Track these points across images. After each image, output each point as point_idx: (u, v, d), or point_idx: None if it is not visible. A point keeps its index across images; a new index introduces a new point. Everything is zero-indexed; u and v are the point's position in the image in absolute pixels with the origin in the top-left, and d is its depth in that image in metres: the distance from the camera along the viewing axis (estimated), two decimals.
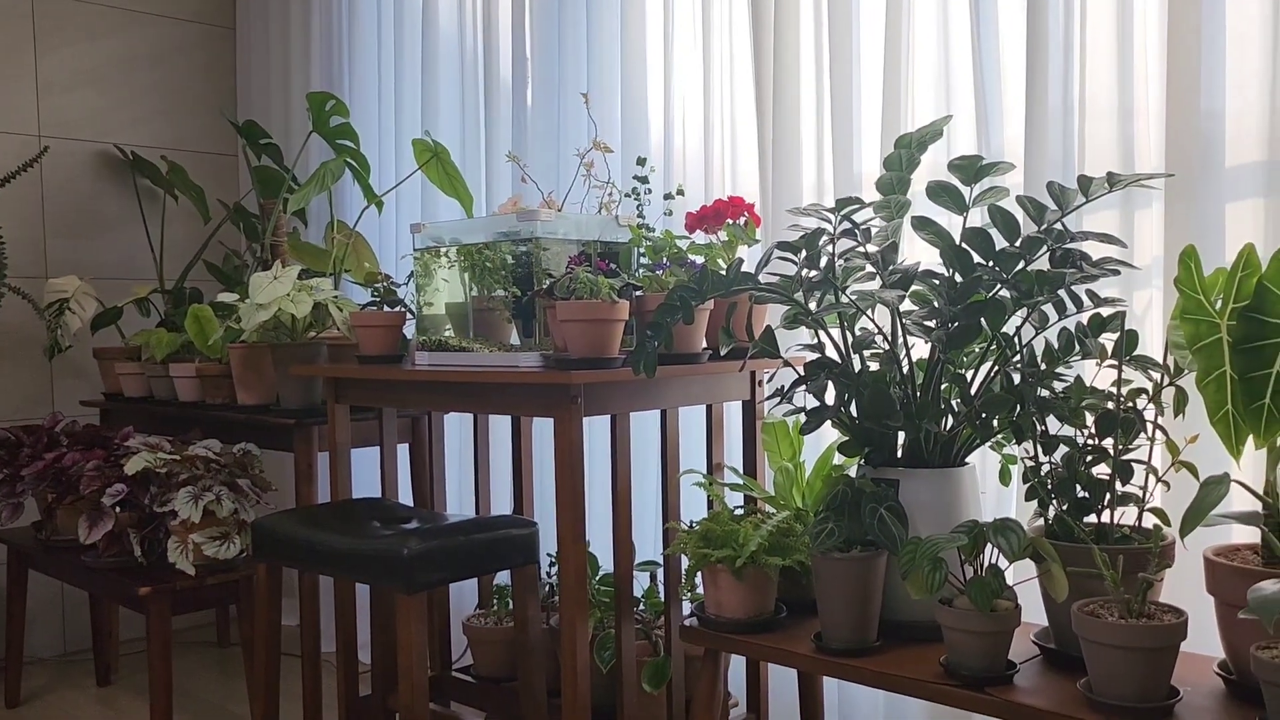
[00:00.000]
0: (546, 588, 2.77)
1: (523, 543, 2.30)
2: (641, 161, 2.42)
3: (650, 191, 2.41)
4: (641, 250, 2.35)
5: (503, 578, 2.96)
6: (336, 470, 2.64)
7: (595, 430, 2.93)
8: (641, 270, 2.33)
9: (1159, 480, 1.78)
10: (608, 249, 2.34)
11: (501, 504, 3.18)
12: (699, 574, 2.08)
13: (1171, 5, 1.99)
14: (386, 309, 2.65)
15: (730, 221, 2.31)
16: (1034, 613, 1.85)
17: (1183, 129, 1.99)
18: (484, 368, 2.23)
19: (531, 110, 3.14)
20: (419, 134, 3.28)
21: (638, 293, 2.23)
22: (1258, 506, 1.62)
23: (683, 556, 2.28)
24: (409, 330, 2.67)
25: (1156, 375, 1.77)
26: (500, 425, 3.16)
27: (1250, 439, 1.55)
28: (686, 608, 2.41)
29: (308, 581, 2.68)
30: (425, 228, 2.48)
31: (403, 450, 3.07)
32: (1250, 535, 1.77)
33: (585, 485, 2.87)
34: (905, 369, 1.95)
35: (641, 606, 2.69)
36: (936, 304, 1.90)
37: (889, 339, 1.97)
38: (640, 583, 2.72)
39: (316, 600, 2.69)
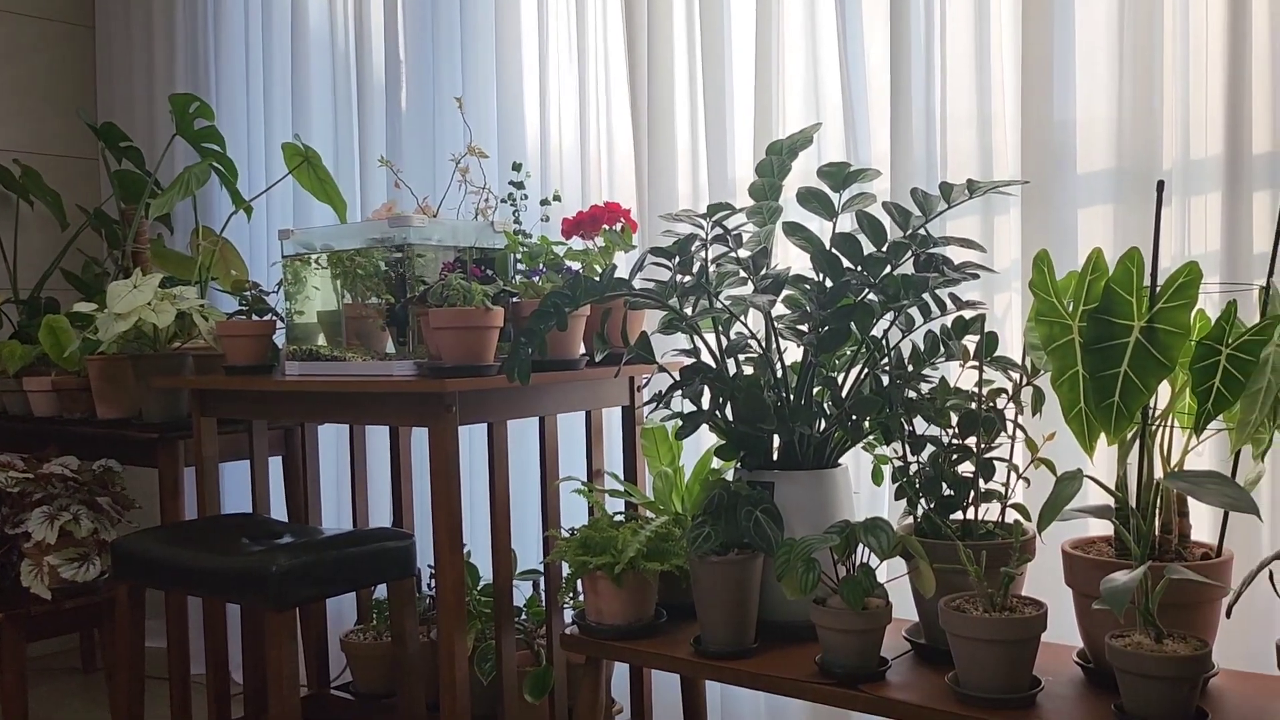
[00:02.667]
0: (428, 600, 2.72)
1: (399, 555, 2.26)
2: (517, 167, 2.40)
3: (527, 197, 2.40)
4: (518, 256, 2.32)
5: (382, 591, 2.89)
6: (204, 486, 2.54)
7: (478, 438, 2.89)
8: (518, 276, 2.31)
9: (1020, 477, 1.84)
10: (484, 255, 2.31)
11: (381, 516, 3.11)
12: (579, 581, 2.07)
13: (1025, 21, 2.07)
14: (255, 317, 2.56)
15: (607, 227, 2.31)
16: (907, 609, 1.89)
17: (1037, 138, 2.07)
18: (356, 377, 2.18)
19: (406, 114, 3.09)
20: (289, 138, 3.19)
21: (514, 299, 2.21)
22: (1111, 501, 1.69)
23: (563, 564, 2.26)
24: (280, 339, 2.59)
25: (1016, 375, 1.83)
26: (379, 435, 3.09)
27: (1102, 436, 1.61)
28: (571, 616, 2.40)
29: (174, 601, 2.57)
30: (295, 234, 2.41)
31: (276, 463, 2.97)
32: (1109, 528, 1.84)
33: (465, 494, 2.84)
34: (779, 373, 1.98)
35: (524, 616, 2.66)
36: (808, 308, 1.92)
37: (762, 343, 1.99)
38: (523, 592, 2.69)
39: (185, 621, 2.58)
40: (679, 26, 2.59)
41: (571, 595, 2.28)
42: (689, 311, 1.95)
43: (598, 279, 1.92)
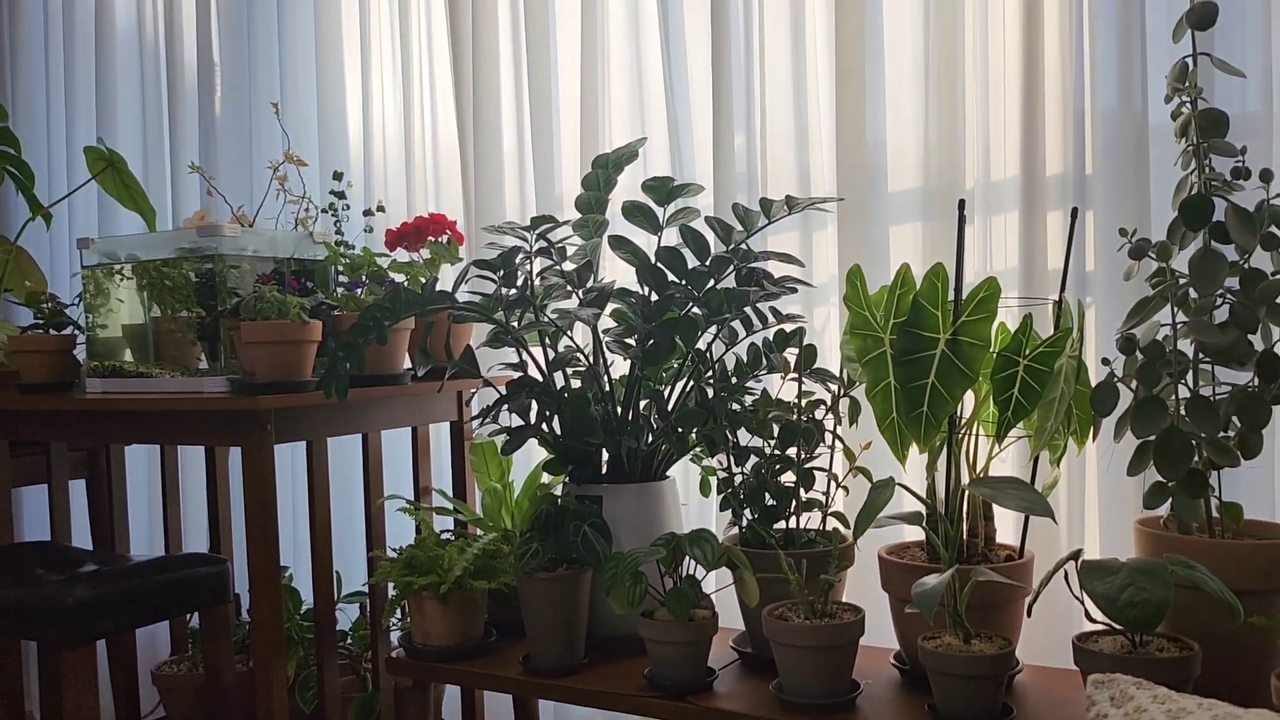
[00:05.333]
0: (246, 627, 2.59)
1: (212, 581, 2.14)
2: (338, 176, 2.33)
3: (349, 207, 2.32)
4: (339, 268, 2.25)
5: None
6: None
7: (300, 457, 2.78)
8: (339, 289, 2.23)
9: (839, 486, 1.89)
10: (303, 267, 2.22)
11: (198, 540, 2.95)
12: (404, 603, 2.01)
13: (839, 46, 2.15)
14: (53, 331, 2.39)
15: (432, 239, 2.26)
16: (735, 618, 1.91)
17: (852, 157, 2.14)
18: (164, 394, 2.06)
19: (220, 118, 2.96)
20: (93, 141, 3.01)
21: (334, 312, 2.14)
22: (922, 507, 1.75)
23: (390, 585, 2.20)
24: (82, 355, 2.43)
25: (834, 387, 1.88)
26: (195, 455, 2.94)
27: (913, 445, 1.66)
28: (398, 638, 2.33)
29: None
30: (96, 243, 2.27)
31: (79, 486, 2.78)
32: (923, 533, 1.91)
33: (288, 515, 2.73)
34: (606, 386, 1.97)
35: (349, 640, 2.57)
36: (634, 322, 1.93)
37: (589, 357, 1.98)
38: (349, 615, 2.60)
39: None
40: (504, 36, 2.57)
41: (398, 617, 2.22)
42: (515, 325, 1.92)
43: (420, 292, 1.87)
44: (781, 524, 1.88)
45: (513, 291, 1.92)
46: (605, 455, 1.99)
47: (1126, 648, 1.46)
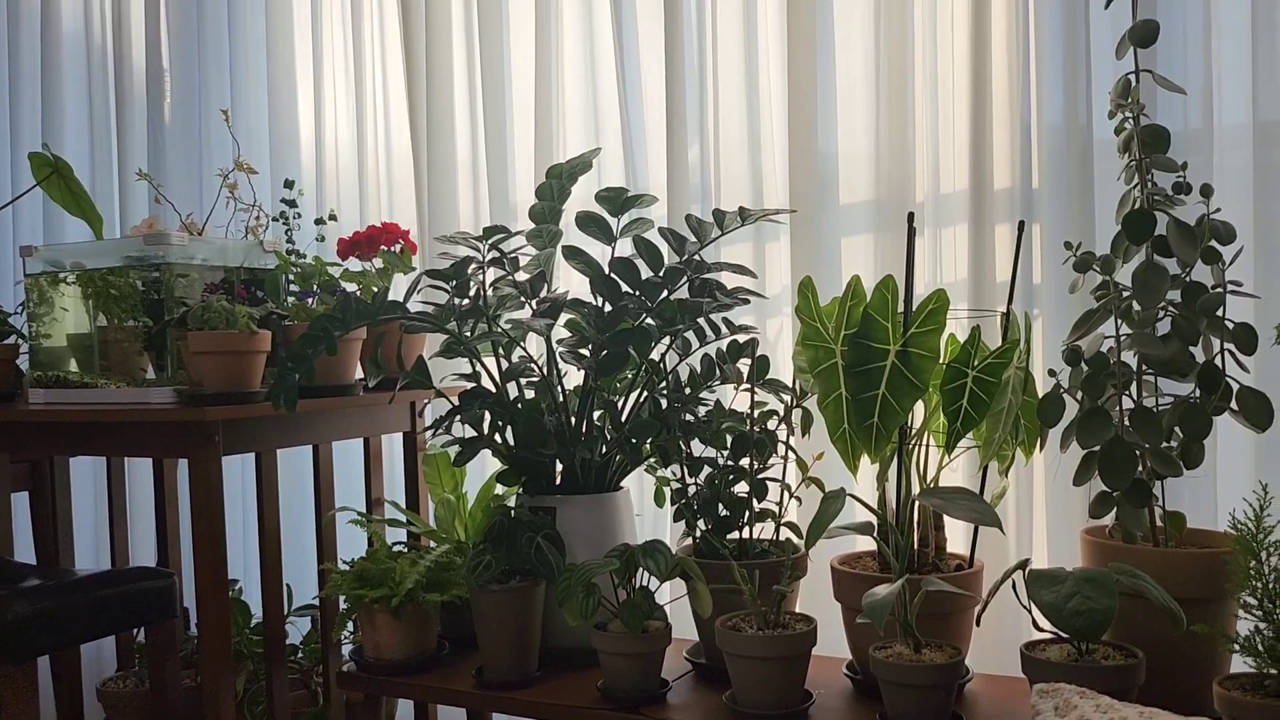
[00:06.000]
0: (194, 642, 2.55)
1: (158, 596, 2.11)
2: (290, 184, 2.31)
3: (300, 216, 2.30)
4: (290, 277, 2.22)
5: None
6: None
7: (251, 468, 2.74)
8: (290, 298, 2.21)
9: (792, 496, 1.90)
10: (253, 276, 2.20)
11: (146, 554, 2.90)
12: (355, 616, 1.99)
13: (791, 56, 2.17)
14: None
15: (385, 248, 2.24)
16: (688, 629, 1.91)
17: (804, 168, 2.16)
18: (109, 405, 2.03)
19: (170, 125, 2.92)
20: (38, 146, 2.95)
21: (285, 322, 2.11)
22: (874, 517, 1.77)
23: (341, 598, 2.17)
24: (25, 364, 2.38)
25: (786, 398, 1.89)
26: (143, 467, 2.89)
27: (865, 455, 1.68)
28: (349, 652, 2.30)
29: None
30: (40, 250, 2.23)
31: (22, 499, 2.72)
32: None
33: (237, 528, 2.69)
34: (559, 397, 1.97)
35: (300, 654, 2.54)
36: (587, 332, 1.93)
37: (543, 367, 1.97)
38: (300, 629, 2.57)
39: None
40: (458, 44, 2.57)
41: (349, 630, 2.19)
42: (467, 335, 1.91)
43: (372, 301, 1.85)
44: (735, 534, 1.89)
45: (465, 302, 1.91)
46: (559, 466, 1.98)
47: (1073, 656, 1.48)
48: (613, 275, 1.88)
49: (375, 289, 2.21)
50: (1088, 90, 1.96)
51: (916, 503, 1.72)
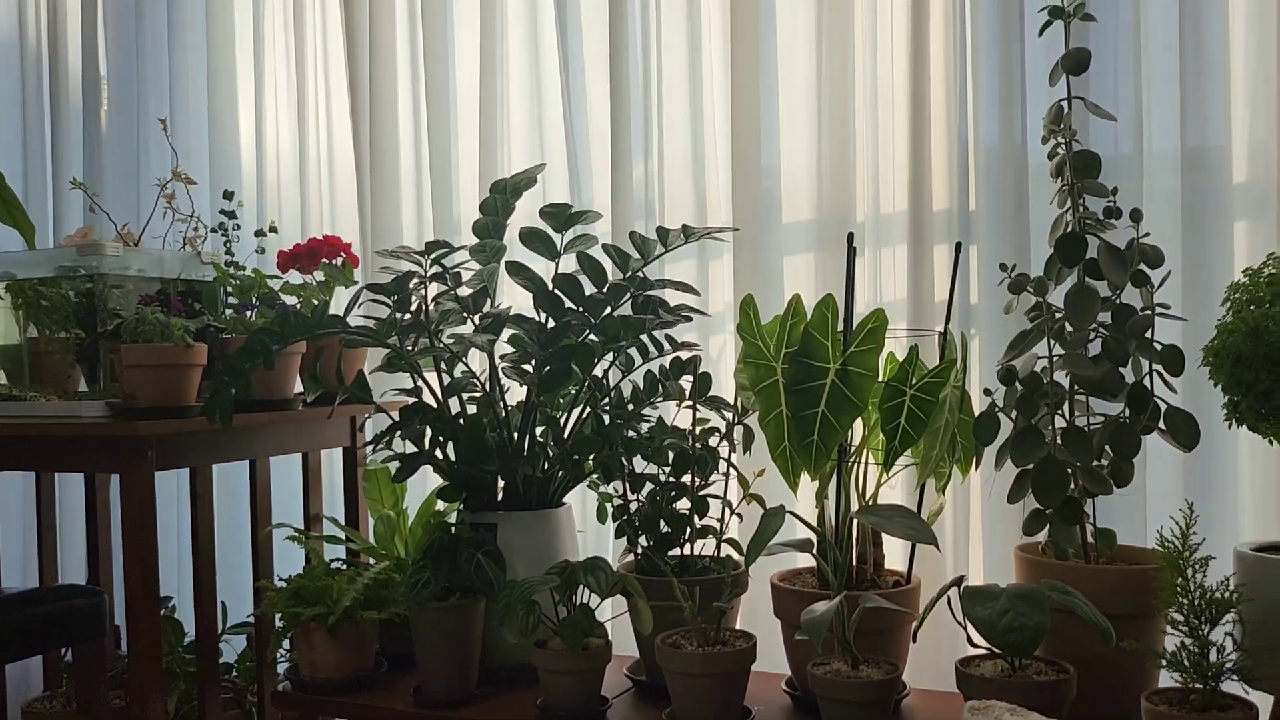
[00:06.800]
0: (125, 661, 2.49)
1: (87, 614, 2.05)
2: (229, 195, 2.27)
3: (239, 227, 2.27)
4: (229, 290, 2.19)
5: None
6: None
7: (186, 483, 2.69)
8: (228, 311, 2.18)
9: (733, 512, 1.90)
10: (190, 288, 2.16)
11: (76, 572, 2.83)
12: (291, 634, 1.96)
13: (734, 75, 2.19)
14: None
15: (327, 261, 2.22)
16: (630, 645, 1.90)
17: (747, 187, 2.18)
18: (39, 419, 1.98)
19: (107, 133, 2.87)
20: None
21: (222, 335, 2.08)
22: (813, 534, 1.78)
23: (277, 616, 2.14)
24: None
25: (728, 415, 1.90)
26: (74, 482, 2.82)
27: (805, 472, 1.69)
28: (285, 670, 2.26)
29: None
30: None
31: None
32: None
33: (171, 544, 2.63)
34: (502, 413, 1.96)
35: (234, 673, 2.49)
36: (530, 348, 1.92)
37: (485, 383, 1.97)
38: (235, 647, 2.52)
39: None
40: (402, 56, 2.56)
41: (285, 649, 2.16)
42: (409, 350, 1.90)
43: (312, 315, 1.83)
44: (676, 551, 1.89)
45: (407, 316, 1.90)
46: (500, 482, 1.97)
47: (1006, 671, 1.51)
48: (556, 291, 1.88)
49: (315, 302, 2.19)
50: (1023, 115, 2.00)
51: (855, 520, 1.74)
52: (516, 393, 2.08)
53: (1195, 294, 1.90)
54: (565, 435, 1.95)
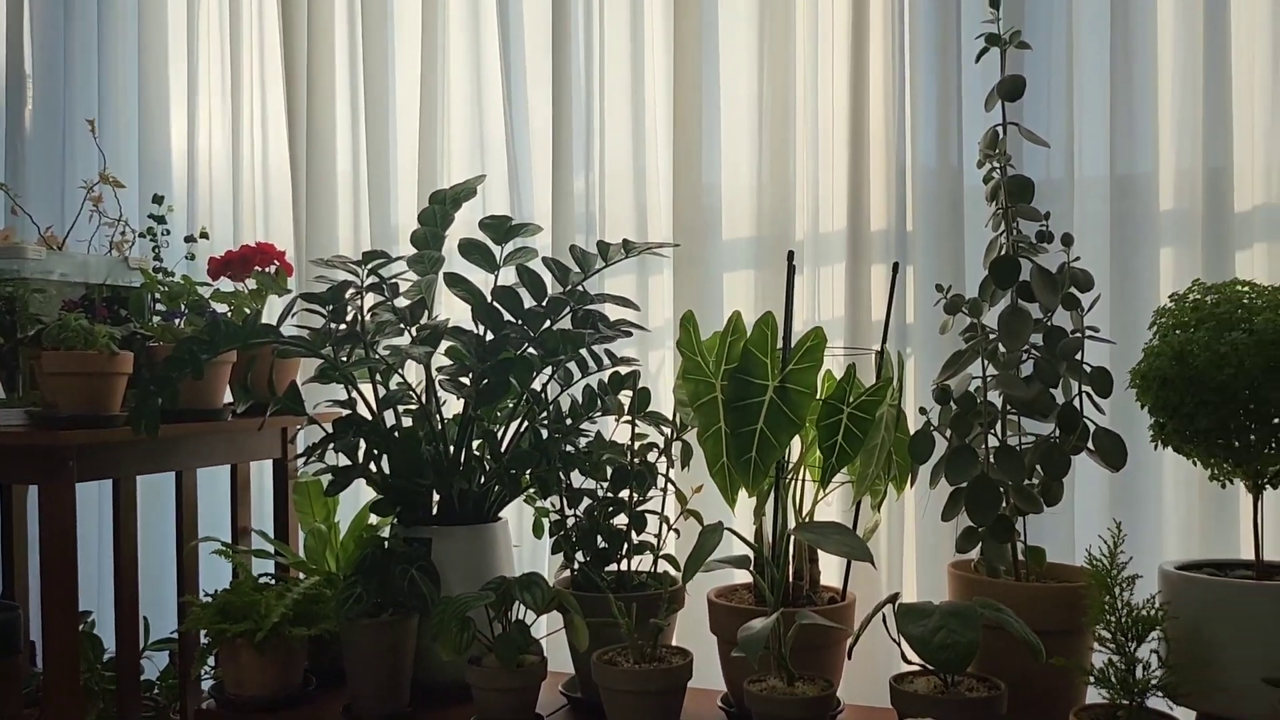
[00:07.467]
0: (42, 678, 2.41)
1: (0, 629, 1.98)
2: (159, 199, 2.22)
3: (169, 232, 2.22)
4: (157, 296, 2.14)
5: None
6: None
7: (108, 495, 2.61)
8: (156, 318, 2.12)
9: (670, 528, 1.90)
10: (116, 294, 2.10)
11: None
12: (218, 651, 1.91)
13: (676, 88, 2.20)
14: None
15: (259, 269, 2.17)
16: (566, 662, 1.89)
17: (688, 203, 2.19)
18: None
19: (30, 134, 2.79)
20: None
21: (149, 343, 2.02)
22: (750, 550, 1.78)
23: (202, 633, 2.08)
24: None
25: (667, 430, 1.90)
26: None
27: (743, 489, 1.69)
28: (209, 688, 2.21)
29: None
30: None
31: None
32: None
33: (92, 557, 2.55)
34: (438, 426, 1.94)
35: (156, 691, 2.42)
36: (468, 361, 1.90)
37: (421, 395, 1.94)
38: (157, 664, 2.45)
39: None
40: (340, 61, 2.53)
41: (210, 666, 2.10)
42: (344, 361, 1.87)
43: (243, 324, 1.79)
44: (613, 567, 1.88)
45: (342, 327, 1.87)
46: (436, 496, 1.95)
47: (939, 688, 1.52)
48: (495, 304, 1.86)
49: (247, 311, 2.14)
50: (959, 138, 2.04)
51: (792, 537, 1.74)
52: (453, 405, 2.05)
53: (1123, 317, 1.95)
54: (503, 449, 1.94)
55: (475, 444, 1.95)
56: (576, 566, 1.88)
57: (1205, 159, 1.93)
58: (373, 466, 1.91)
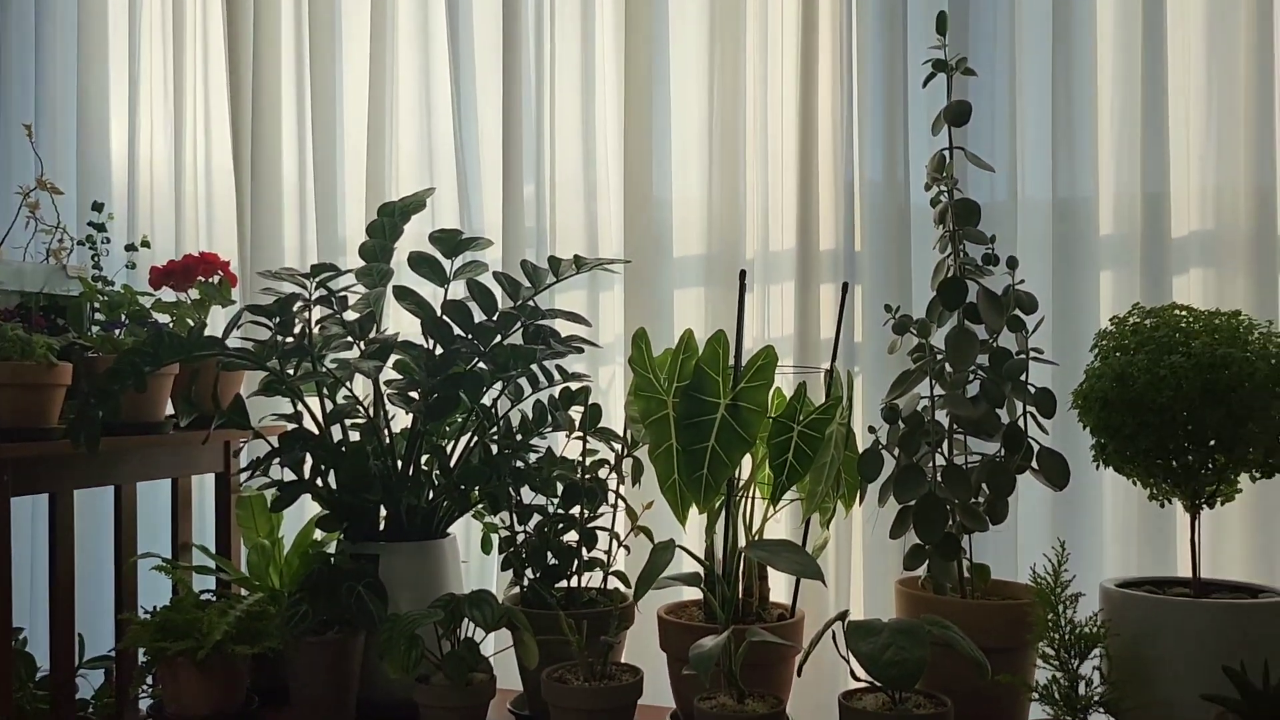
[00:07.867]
0: None
1: None
2: (98, 206, 2.17)
3: (109, 240, 2.17)
4: (96, 306, 2.09)
5: None
6: None
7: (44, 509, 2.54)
8: (95, 328, 2.07)
9: (621, 545, 1.90)
10: (54, 303, 2.05)
11: None
12: (157, 669, 1.86)
13: (627, 103, 2.21)
14: None
15: (202, 279, 2.13)
16: (516, 679, 1.87)
17: (639, 219, 2.20)
18: None
19: None
20: None
21: (89, 354, 1.98)
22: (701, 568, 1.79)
23: (141, 650, 2.03)
24: None
25: (618, 447, 1.90)
26: None
27: (694, 506, 1.70)
28: (148, 707, 2.15)
29: None
30: None
31: None
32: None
33: (25, 572, 2.48)
34: (386, 440, 1.92)
35: (91, 709, 2.35)
36: (417, 375, 1.89)
37: (369, 410, 1.92)
38: (93, 682, 2.39)
39: None
40: (287, 70, 2.50)
41: (149, 684, 2.05)
42: (290, 374, 1.84)
43: (186, 336, 1.76)
44: (563, 583, 1.88)
45: (289, 340, 1.84)
46: (383, 512, 1.93)
47: (887, 705, 1.53)
48: (445, 318, 1.85)
49: (190, 322, 2.10)
50: (906, 161, 2.08)
51: (742, 554, 1.75)
52: (401, 420, 2.03)
53: (1066, 339, 1.99)
54: (452, 464, 1.92)
55: (424, 459, 1.93)
56: (526, 583, 1.87)
57: (1144, 184, 1.99)
58: (319, 481, 1.89)
